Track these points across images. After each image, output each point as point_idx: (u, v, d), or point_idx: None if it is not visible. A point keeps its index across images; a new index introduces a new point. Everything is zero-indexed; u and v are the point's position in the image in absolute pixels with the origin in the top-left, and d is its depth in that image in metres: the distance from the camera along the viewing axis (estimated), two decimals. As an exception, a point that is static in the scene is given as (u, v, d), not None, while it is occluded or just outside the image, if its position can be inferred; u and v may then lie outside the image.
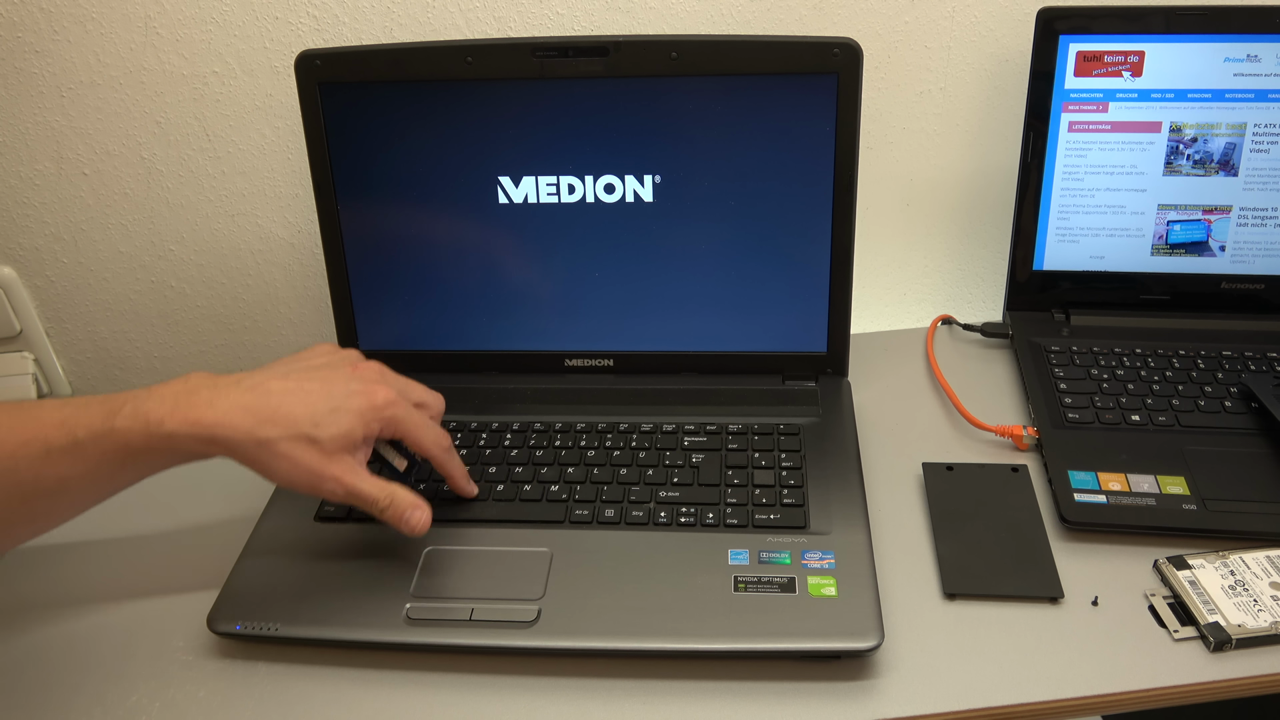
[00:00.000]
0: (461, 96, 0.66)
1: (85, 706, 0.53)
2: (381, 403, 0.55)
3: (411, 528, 0.55)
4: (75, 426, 0.50)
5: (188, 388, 0.52)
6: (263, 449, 0.51)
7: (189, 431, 0.51)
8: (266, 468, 0.52)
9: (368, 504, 0.54)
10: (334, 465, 0.53)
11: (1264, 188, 0.72)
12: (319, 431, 0.52)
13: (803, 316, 0.70)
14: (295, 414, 0.52)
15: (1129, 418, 0.67)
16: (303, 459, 0.52)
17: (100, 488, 0.52)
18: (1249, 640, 0.52)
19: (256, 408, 0.52)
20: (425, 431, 0.58)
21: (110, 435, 0.50)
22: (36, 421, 0.50)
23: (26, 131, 0.76)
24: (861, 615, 0.53)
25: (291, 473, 0.52)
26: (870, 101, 0.76)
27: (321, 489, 0.53)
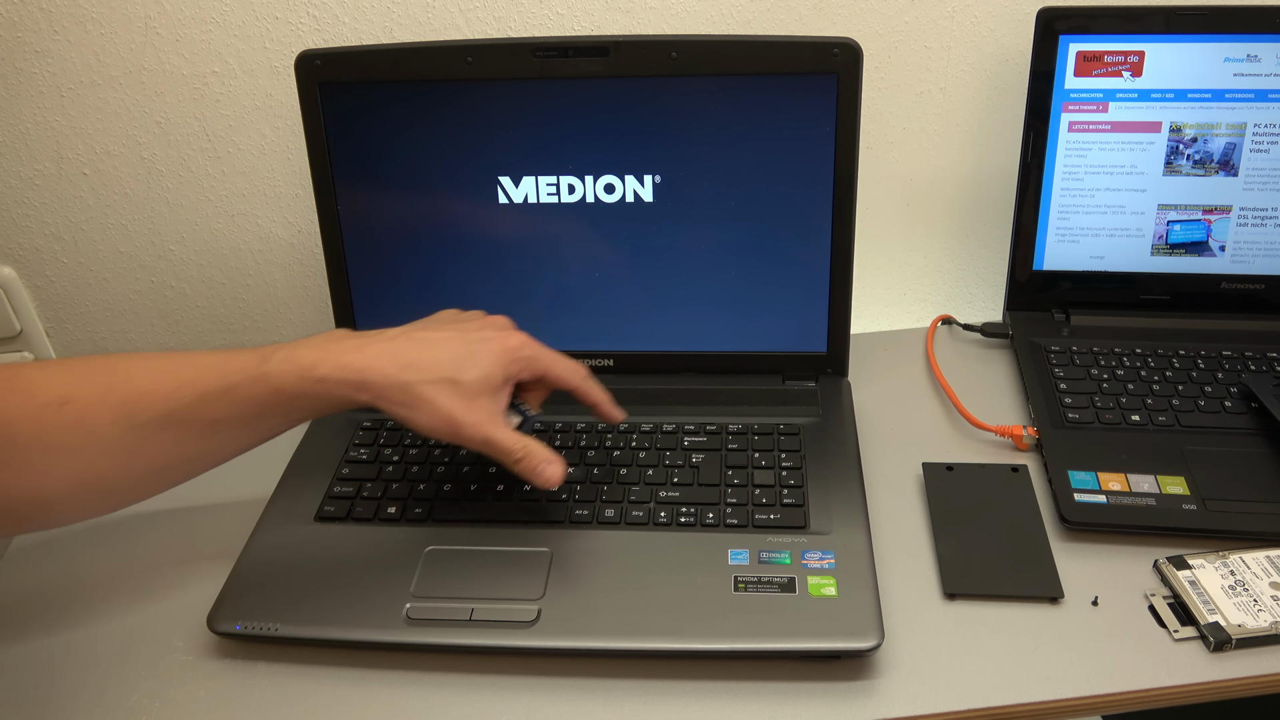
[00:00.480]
0: (461, 96, 0.66)
1: (85, 706, 0.53)
2: (516, 344, 0.57)
3: (546, 481, 0.55)
4: (230, 371, 0.52)
5: (334, 338, 0.55)
6: (407, 391, 0.53)
7: (339, 375, 0.53)
8: (410, 411, 0.54)
9: (503, 453, 0.55)
10: (474, 410, 0.54)
11: (1264, 188, 0.72)
12: (461, 374, 0.54)
13: (803, 316, 0.70)
14: (438, 358, 0.54)
15: (1129, 418, 0.67)
16: (445, 402, 0.53)
17: (248, 433, 0.54)
18: (1249, 640, 0.52)
19: (401, 354, 0.54)
20: (563, 364, 0.59)
21: (264, 379, 0.52)
22: (192, 366, 0.53)
23: (26, 131, 0.77)
24: (861, 615, 0.53)
25: (434, 416, 0.53)
26: (870, 101, 0.76)
27: (461, 434, 0.54)
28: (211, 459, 0.55)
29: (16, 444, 0.48)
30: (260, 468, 0.65)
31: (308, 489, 0.64)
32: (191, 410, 0.52)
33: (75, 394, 0.50)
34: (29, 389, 0.50)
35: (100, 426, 0.50)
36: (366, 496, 0.63)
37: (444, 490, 0.63)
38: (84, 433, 0.50)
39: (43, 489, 0.50)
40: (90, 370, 0.51)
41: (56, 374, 0.51)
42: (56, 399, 0.49)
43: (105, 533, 0.65)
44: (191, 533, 0.65)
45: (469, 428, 0.54)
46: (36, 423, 0.49)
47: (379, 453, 0.67)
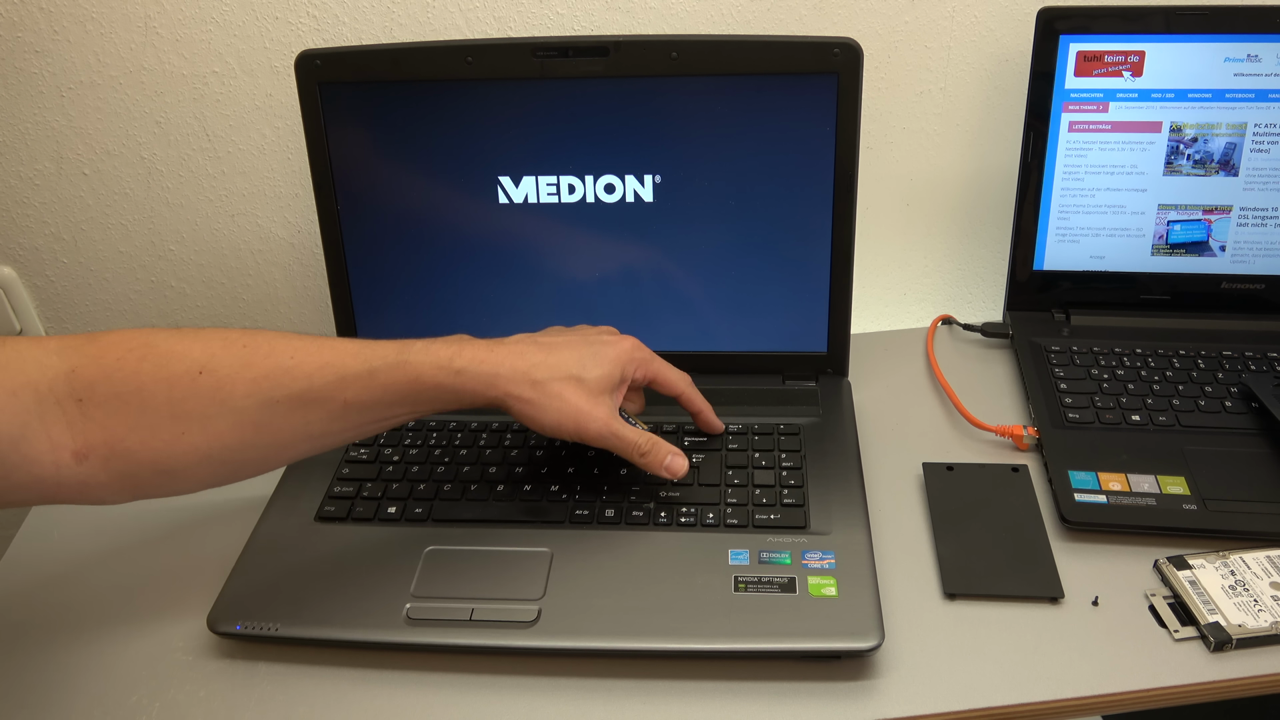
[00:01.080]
0: (461, 96, 0.66)
1: (85, 707, 0.53)
2: (631, 346, 0.60)
3: (673, 473, 0.59)
4: (371, 357, 0.54)
5: (464, 339, 0.57)
6: (537, 388, 0.56)
7: (475, 369, 0.55)
8: (538, 408, 0.56)
9: (628, 447, 0.58)
10: (599, 406, 0.57)
11: (1264, 188, 0.72)
12: (585, 372, 0.57)
13: (803, 316, 0.70)
14: (563, 358, 0.57)
15: (1129, 418, 0.67)
16: (572, 398, 0.56)
17: (376, 418, 0.55)
18: (1249, 640, 0.52)
19: (529, 354, 0.57)
20: (671, 370, 0.63)
21: (404, 367, 0.54)
22: (334, 350, 0.54)
23: (26, 131, 0.77)
24: (861, 615, 0.53)
25: (561, 411, 0.56)
26: (870, 101, 0.76)
27: (587, 429, 0.56)
28: (336, 439, 0.55)
29: (147, 410, 0.49)
30: (260, 468, 0.65)
31: (308, 489, 0.64)
32: (329, 390, 0.53)
33: (213, 365, 0.50)
34: (164, 357, 0.50)
35: (235, 398, 0.51)
36: (366, 496, 0.63)
37: (444, 490, 0.63)
38: (218, 403, 0.50)
39: (168, 456, 0.50)
40: (229, 343, 0.52)
41: (194, 343, 0.51)
42: (194, 368, 0.50)
43: (105, 533, 0.65)
44: (191, 533, 0.65)
45: (595, 422, 0.56)
46: (170, 390, 0.49)
47: (379, 453, 0.67)
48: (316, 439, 0.54)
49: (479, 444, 0.67)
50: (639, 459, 0.58)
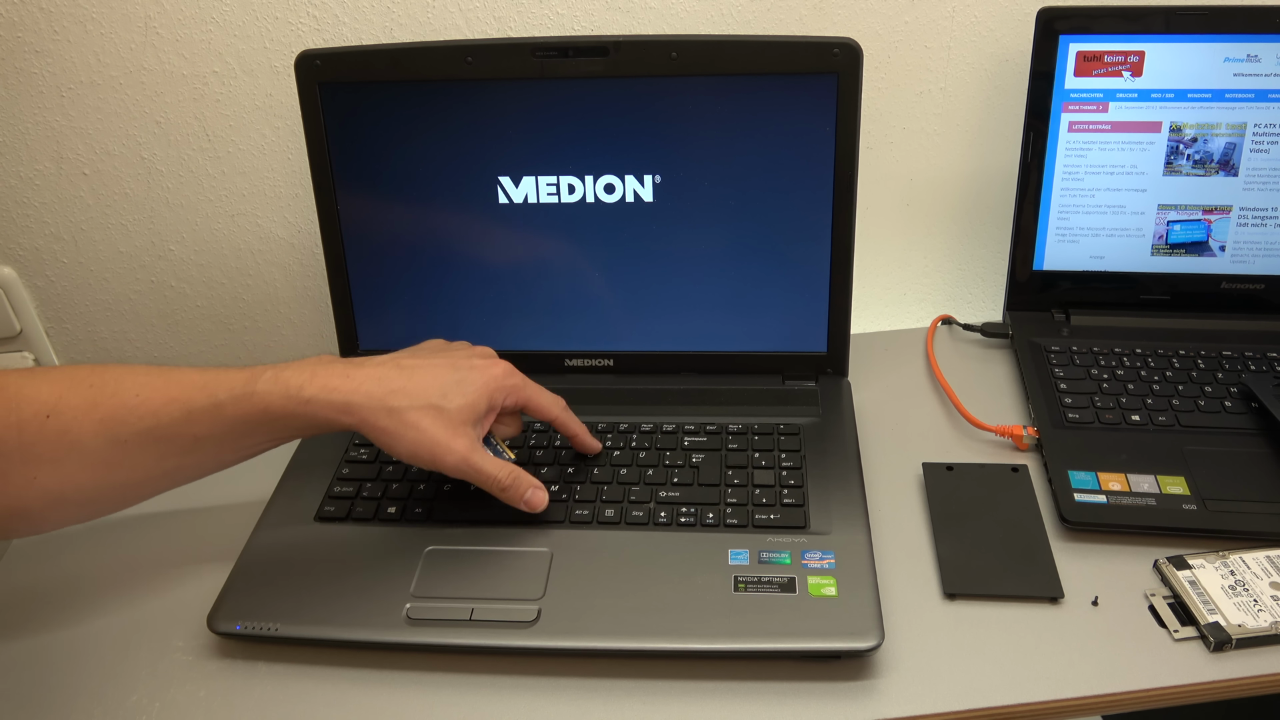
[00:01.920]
0: (461, 96, 0.66)
1: (85, 707, 0.53)
2: (502, 372, 0.58)
3: (532, 507, 0.58)
4: (217, 389, 0.53)
5: (322, 362, 0.56)
6: (393, 417, 0.54)
7: (326, 397, 0.54)
8: (394, 437, 0.54)
9: (488, 481, 0.56)
10: (459, 438, 0.55)
11: (1264, 188, 0.72)
12: (446, 401, 0.55)
13: (803, 316, 0.70)
14: (425, 384, 0.55)
15: (1129, 418, 0.67)
16: (429, 428, 0.54)
17: (230, 450, 0.55)
18: (1249, 640, 0.52)
19: (388, 379, 0.55)
20: (544, 395, 0.61)
21: (251, 398, 0.53)
22: (180, 384, 0.53)
23: (26, 131, 0.76)
24: (861, 615, 0.53)
25: (417, 441, 0.54)
26: (870, 101, 0.76)
27: (442, 461, 0.55)
28: (191, 474, 0.55)
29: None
30: (260, 468, 0.65)
31: (308, 489, 0.64)
32: (177, 427, 0.52)
33: (60, 407, 0.50)
34: (14, 400, 0.50)
35: (84, 439, 0.50)
36: (366, 496, 0.63)
37: (444, 490, 0.63)
38: (67, 446, 0.50)
39: (22, 499, 0.50)
40: (76, 383, 0.51)
41: (43, 385, 0.51)
42: (41, 411, 0.50)
43: (105, 533, 0.65)
44: (191, 533, 0.65)
45: (452, 455, 0.55)
46: (20, 434, 0.49)
47: (379, 453, 0.66)
48: (173, 474, 0.54)
49: (479, 444, 0.67)
50: (499, 493, 0.57)
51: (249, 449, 0.56)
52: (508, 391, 0.58)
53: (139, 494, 0.55)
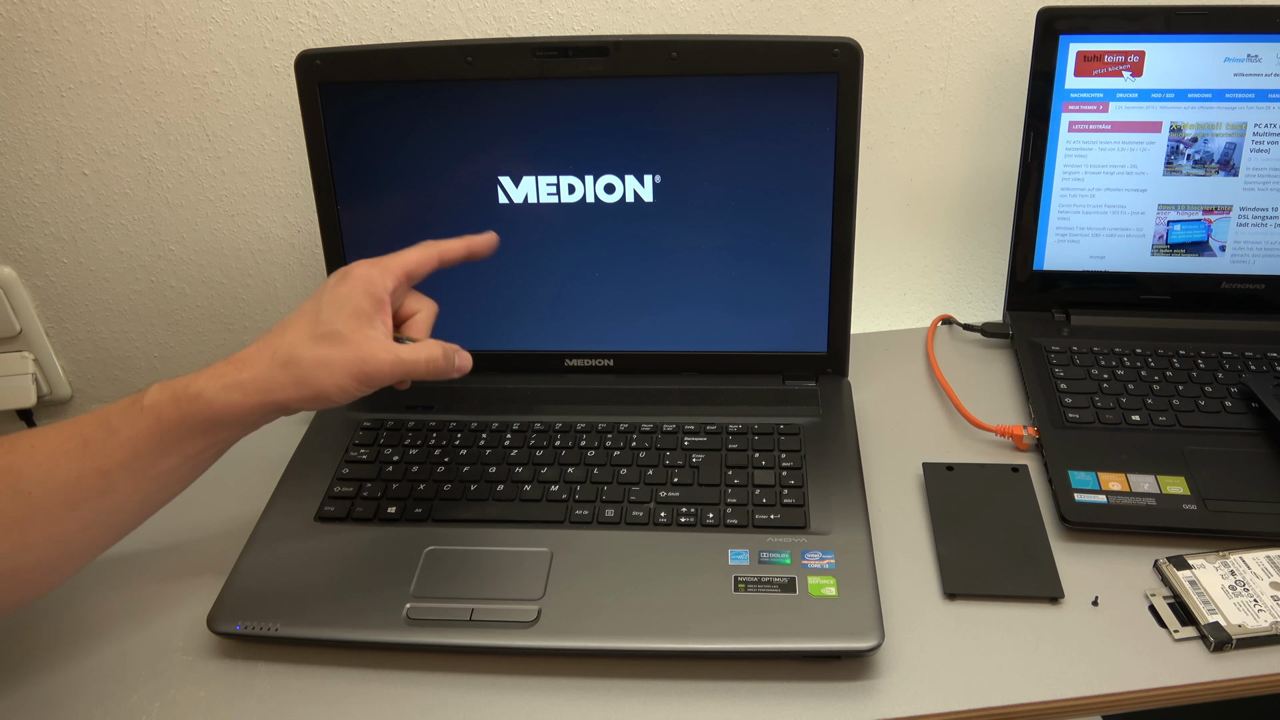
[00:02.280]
0: (461, 96, 0.66)
1: (86, 707, 0.53)
2: (361, 267, 0.55)
3: (462, 369, 0.57)
4: (109, 414, 0.51)
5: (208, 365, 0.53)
6: (292, 369, 0.51)
7: (218, 384, 0.51)
8: (309, 387, 0.51)
9: (424, 364, 0.54)
10: (366, 343, 0.52)
11: (1264, 188, 0.72)
12: (329, 325, 0.52)
13: (803, 316, 0.70)
14: (300, 325, 0.53)
15: (1129, 418, 0.67)
16: (333, 356, 0.51)
17: (144, 479, 0.51)
18: (1249, 640, 0.52)
19: (268, 343, 0.52)
20: (412, 252, 0.57)
21: (141, 412, 0.50)
22: (72, 422, 0.51)
23: (26, 131, 0.77)
24: (861, 615, 0.53)
25: (334, 375, 0.51)
26: (870, 101, 0.76)
27: (368, 374, 0.52)
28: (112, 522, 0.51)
29: None
30: (260, 468, 0.65)
31: (308, 489, 0.64)
32: (77, 462, 0.49)
33: None
34: None
35: None
36: (366, 496, 0.63)
37: (444, 490, 0.63)
38: None
39: None
40: None
41: None
42: None
43: (105, 533, 0.65)
44: (192, 532, 0.65)
45: (373, 363, 0.52)
46: None
47: (379, 453, 0.66)
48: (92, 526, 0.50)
49: (479, 444, 0.67)
50: (437, 374, 0.55)
51: (168, 474, 0.51)
52: (379, 278, 0.55)
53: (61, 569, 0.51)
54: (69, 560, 0.51)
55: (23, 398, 0.86)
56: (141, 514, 0.53)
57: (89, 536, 0.51)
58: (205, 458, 0.53)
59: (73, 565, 0.52)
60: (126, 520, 0.52)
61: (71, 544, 0.50)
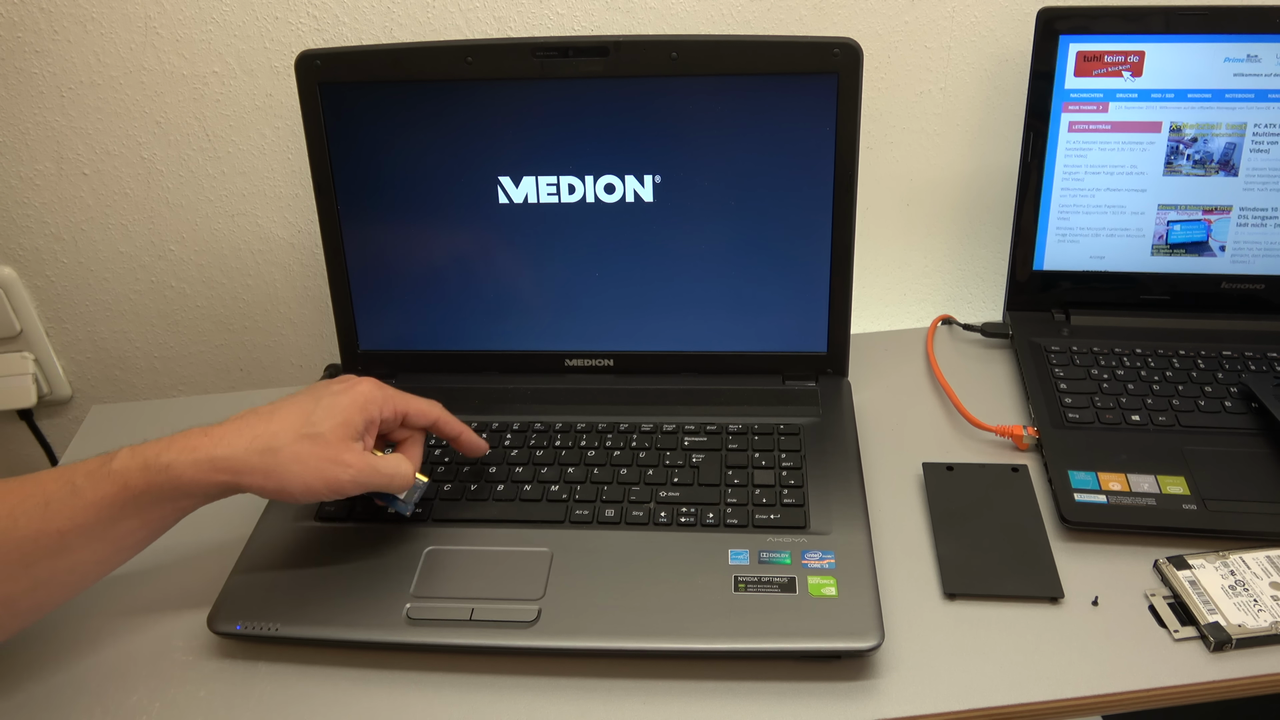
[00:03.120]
0: (461, 96, 0.66)
1: (86, 707, 0.53)
2: (368, 388, 0.56)
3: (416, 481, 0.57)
4: (74, 474, 0.50)
5: (183, 431, 0.53)
6: (268, 456, 0.51)
7: (189, 458, 0.50)
8: (278, 478, 0.52)
9: (394, 477, 0.55)
10: (346, 453, 0.53)
11: (1264, 188, 0.72)
12: (317, 427, 0.53)
13: (803, 316, 0.70)
14: (290, 419, 0.53)
15: (1129, 418, 0.67)
16: (310, 455, 0.52)
17: (102, 542, 0.50)
18: (1249, 640, 0.52)
19: (250, 425, 0.53)
20: (418, 400, 0.59)
21: (108, 476, 0.50)
22: (35, 479, 0.50)
23: (26, 131, 0.77)
24: (861, 615, 0.53)
25: (304, 474, 0.52)
26: (870, 101, 0.76)
27: (340, 479, 0.53)
28: (64, 581, 0.51)
29: None
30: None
31: (308, 489, 0.64)
32: (36, 522, 0.48)
33: None
34: None
35: None
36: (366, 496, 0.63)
37: (444, 490, 0.63)
38: None
39: None
40: None
41: None
42: None
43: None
44: (191, 533, 0.65)
45: (346, 469, 0.53)
46: None
47: (379, 453, 0.66)
48: (44, 585, 0.50)
49: (479, 444, 0.67)
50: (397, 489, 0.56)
51: (126, 538, 0.51)
52: (381, 402, 0.56)
53: (7, 620, 0.50)
54: (14, 619, 0.51)
55: (23, 398, 0.86)
56: (95, 575, 0.52)
57: (37, 596, 0.50)
58: (165, 524, 0.53)
59: (17, 624, 0.51)
60: (78, 582, 0.52)
61: (19, 603, 0.50)
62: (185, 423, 0.54)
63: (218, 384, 0.91)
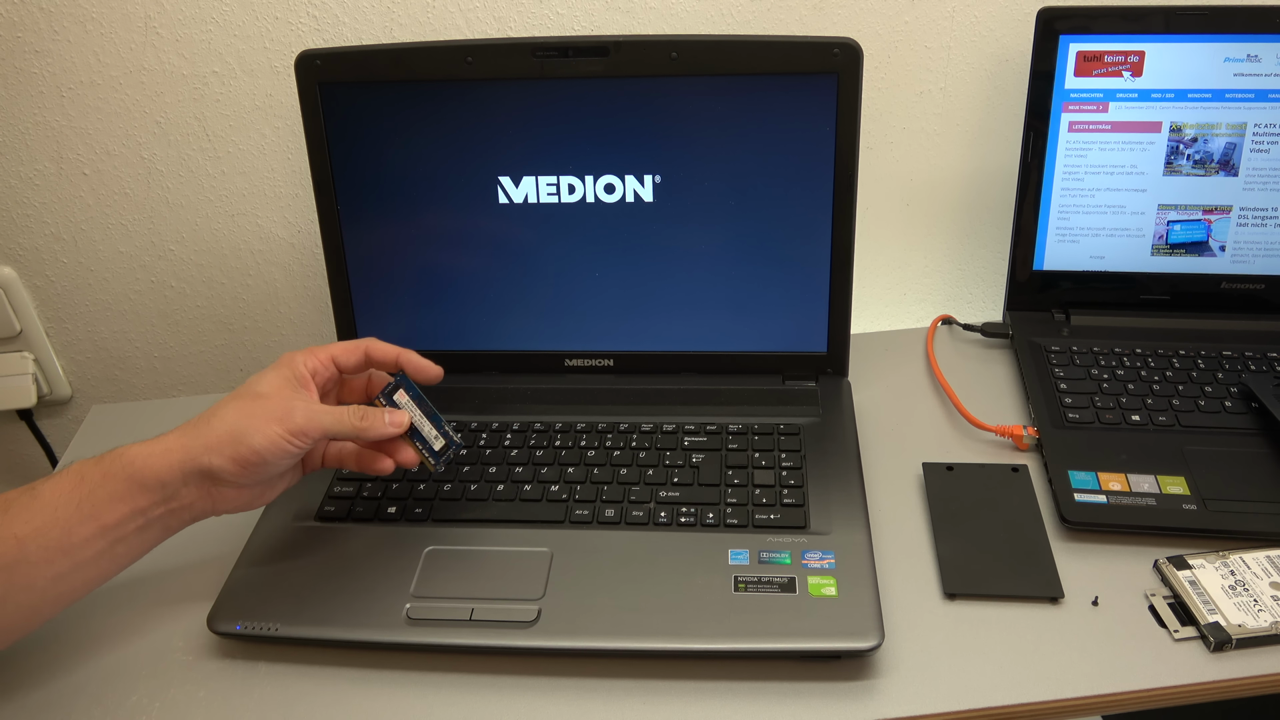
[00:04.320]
0: (461, 96, 0.66)
1: (85, 706, 0.53)
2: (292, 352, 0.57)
3: (398, 424, 0.57)
4: (37, 482, 0.50)
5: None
6: (214, 421, 0.52)
7: (143, 446, 0.51)
8: (234, 444, 0.51)
9: (342, 421, 0.55)
10: (291, 399, 0.53)
11: (1264, 188, 0.72)
12: (255, 388, 0.54)
13: (803, 316, 0.70)
14: (228, 399, 0.54)
15: (1129, 418, 0.67)
16: (257, 410, 0.52)
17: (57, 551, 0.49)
18: (1249, 640, 0.52)
19: (193, 418, 0.53)
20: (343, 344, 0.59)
21: (65, 473, 0.50)
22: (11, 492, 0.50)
23: (26, 131, 0.77)
24: (861, 615, 0.53)
25: (259, 424, 0.51)
26: (870, 101, 0.76)
27: (293, 420, 0.52)
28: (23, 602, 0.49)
29: None
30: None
31: (308, 489, 0.64)
32: None
33: None
34: None
35: None
36: (366, 496, 0.63)
37: (444, 490, 0.63)
38: None
39: None
40: None
41: None
42: None
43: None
44: (191, 533, 0.64)
45: (301, 411, 0.52)
46: None
47: (379, 453, 0.66)
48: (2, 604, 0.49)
49: (479, 444, 0.67)
50: (359, 432, 0.55)
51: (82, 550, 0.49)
52: (302, 357, 0.56)
53: None
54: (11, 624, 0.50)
55: (23, 398, 0.86)
56: (53, 593, 0.50)
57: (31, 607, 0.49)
58: (124, 534, 0.51)
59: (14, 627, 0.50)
60: (37, 600, 0.50)
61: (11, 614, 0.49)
62: (185, 423, 0.54)
63: (218, 384, 0.91)
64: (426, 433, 0.59)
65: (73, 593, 0.51)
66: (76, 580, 0.50)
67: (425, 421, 0.59)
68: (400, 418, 0.57)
